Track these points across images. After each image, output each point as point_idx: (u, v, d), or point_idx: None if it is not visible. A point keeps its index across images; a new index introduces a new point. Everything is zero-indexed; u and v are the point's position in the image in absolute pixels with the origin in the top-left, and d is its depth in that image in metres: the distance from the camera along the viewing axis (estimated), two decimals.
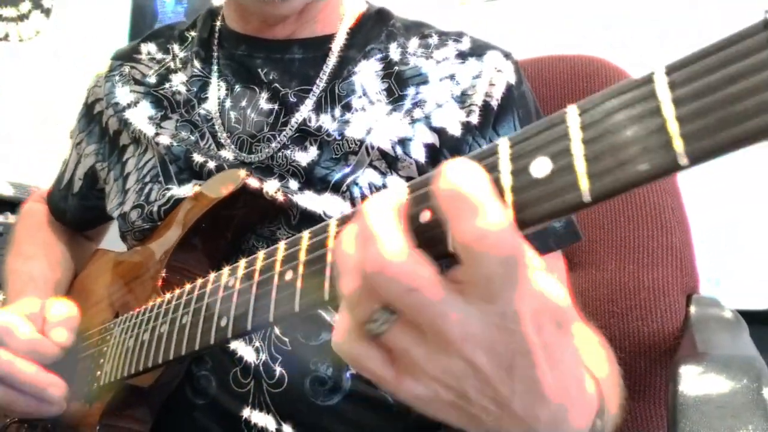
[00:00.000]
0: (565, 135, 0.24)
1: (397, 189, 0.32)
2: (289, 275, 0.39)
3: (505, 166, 0.27)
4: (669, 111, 0.21)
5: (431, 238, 0.30)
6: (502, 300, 0.29)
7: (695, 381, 0.60)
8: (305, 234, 0.39)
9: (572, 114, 0.25)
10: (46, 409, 0.65)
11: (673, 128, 0.21)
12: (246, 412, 0.63)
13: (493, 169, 0.27)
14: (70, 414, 0.70)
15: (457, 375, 0.31)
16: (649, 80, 0.22)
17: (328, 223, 0.37)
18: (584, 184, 0.23)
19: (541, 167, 0.25)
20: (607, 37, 1.51)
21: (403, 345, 0.31)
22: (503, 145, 0.27)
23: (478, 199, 0.27)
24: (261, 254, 0.43)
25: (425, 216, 0.30)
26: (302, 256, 0.38)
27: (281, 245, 0.41)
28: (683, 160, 0.21)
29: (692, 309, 0.77)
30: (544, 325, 0.30)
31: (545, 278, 0.30)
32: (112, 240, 0.92)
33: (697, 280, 0.81)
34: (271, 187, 0.66)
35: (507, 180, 0.26)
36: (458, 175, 0.27)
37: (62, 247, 0.94)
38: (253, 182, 0.65)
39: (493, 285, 0.28)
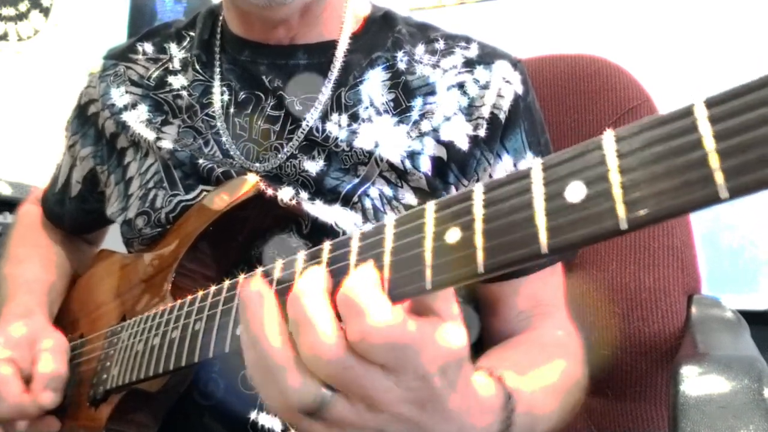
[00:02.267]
0: (601, 161, 0.25)
1: (318, 273, 0.37)
2: None
3: (539, 190, 0.27)
4: (710, 144, 0.22)
5: None
6: (409, 371, 0.34)
7: (696, 381, 0.60)
8: (326, 246, 0.39)
9: (608, 141, 0.25)
10: None
11: (714, 162, 0.21)
12: (253, 415, 0.64)
13: (525, 191, 0.28)
14: (75, 417, 0.70)
15: (382, 424, 0.37)
16: (688, 113, 0.23)
17: (350, 236, 0.38)
18: (621, 212, 0.24)
19: (575, 192, 0.25)
20: (607, 37, 1.52)
21: (338, 413, 0.36)
22: (536, 169, 0.28)
23: (362, 300, 0.33)
24: (279, 263, 0.43)
25: None
26: (324, 268, 0.38)
27: (300, 256, 0.41)
28: (724, 194, 0.21)
29: (693, 309, 0.78)
30: (449, 369, 0.36)
31: (446, 333, 0.35)
32: (115, 241, 0.91)
33: (699, 281, 0.82)
34: (286, 194, 0.66)
35: (540, 204, 0.27)
36: (351, 281, 0.34)
37: (57, 248, 0.92)
38: (267, 189, 0.64)
39: (395, 363, 0.34)
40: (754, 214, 1.38)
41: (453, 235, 0.30)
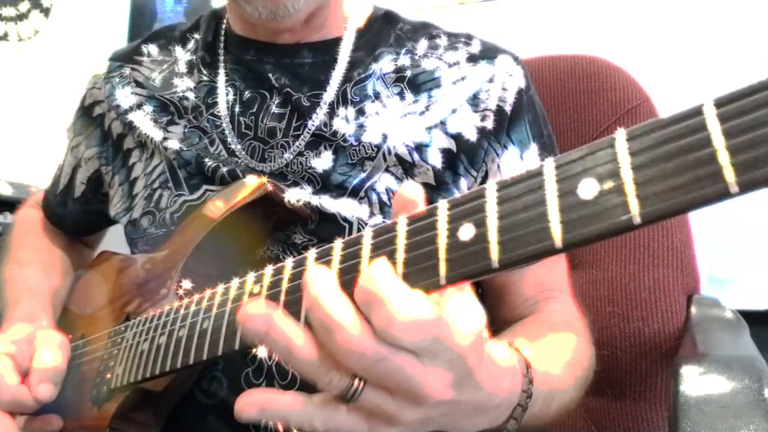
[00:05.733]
0: (613, 159, 0.26)
1: (324, 271, 0.37)
2: None
3: (552, 187, 0.28)
4: (720, 142, 0.23)
5: None
6: (444, 354, 0.35)
7: (696, 381, 0.61)
8: (337, 243, 0.40)
9: (620, 140, 0.26)
10: None
11: (724, 158, 0.22)
12: None
13: (539, 188, 0.28)
14: (77, 416, 0.70)
15: (426, 411, 0.37)
16: (698, 112, 0.24)
17: (362, 234, 0.38)
18: (635, 207, 0.25)
19: (588, 189, 0.26)
20: (607, 37, 1.53)
21: (375, 403, 0.37)
22: (548, 166, 0.28)
23: (382, 289, 0.33)
24: (289, 262, 0.43)
25: None
26: (335, 266, 0.39)
27: (311, 254, 0.42)
28: (734, 189, 0.22)
29: (693, 309, 0.78)
30: (478, 346, 0.37)
31: (472, 314, 0.36)
32: (117, 242, 0.91)
33: (698, 281, 0.82)
34: (293, 196, 0.66)
35: (554, 200, 0.27)
36: (366, 274, 0.34)
37: (60, 252, 0.92)
38: (275, 190, 0.65)
39: (427, 347, 0.34)
40: (754, 213, 1.39)
41: (466, 231, 0.31)
